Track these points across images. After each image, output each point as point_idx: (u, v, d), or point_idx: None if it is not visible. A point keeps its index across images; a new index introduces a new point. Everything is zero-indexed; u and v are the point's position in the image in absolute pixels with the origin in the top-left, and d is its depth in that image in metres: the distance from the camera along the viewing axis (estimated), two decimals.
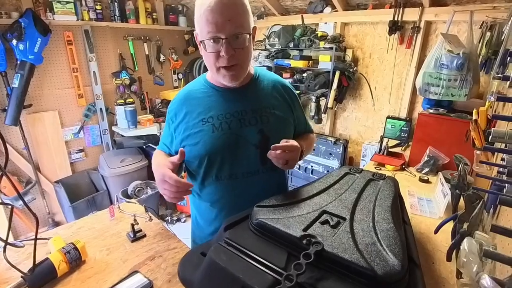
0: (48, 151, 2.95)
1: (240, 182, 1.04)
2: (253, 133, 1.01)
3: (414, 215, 1.40)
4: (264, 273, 0.60)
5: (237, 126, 1.00)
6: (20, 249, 1.11)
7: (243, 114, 1.02)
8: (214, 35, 0.87)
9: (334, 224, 0.71)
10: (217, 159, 1.01)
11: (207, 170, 1.03)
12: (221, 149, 1.00)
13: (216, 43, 0.88)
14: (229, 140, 1.00)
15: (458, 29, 2.22)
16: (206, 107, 1.02)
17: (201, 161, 1.02)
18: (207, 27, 0.86)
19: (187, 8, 3.81)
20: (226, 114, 1.01)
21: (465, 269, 0.77)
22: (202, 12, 0.86)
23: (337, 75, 2.66)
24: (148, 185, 3.21)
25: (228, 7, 0.85)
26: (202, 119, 1.01)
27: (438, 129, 1.87)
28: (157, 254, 1.10)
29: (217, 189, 1.06)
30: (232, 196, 1.06)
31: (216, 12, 0.84)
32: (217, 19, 0.85)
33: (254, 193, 1.00)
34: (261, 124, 1.02)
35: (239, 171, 1.03)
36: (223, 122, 1.00)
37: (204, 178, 1.06)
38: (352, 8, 2.75)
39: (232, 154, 1.01)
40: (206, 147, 1.00)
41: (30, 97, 2.73)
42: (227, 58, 0.89)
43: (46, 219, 3.08)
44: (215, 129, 0.99)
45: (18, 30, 2.44)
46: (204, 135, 1.00)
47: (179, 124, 1.04)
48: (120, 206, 1.39)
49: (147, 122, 3.14)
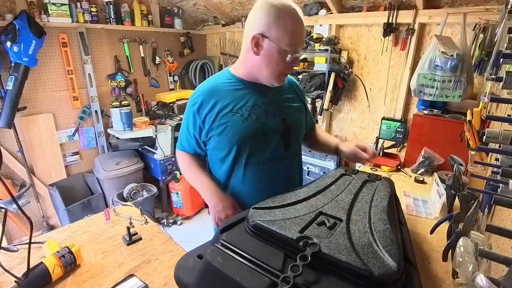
0: (42, 154, 2.93)
1: (267, 166, 1.13)
2: (278, 123, 1.12)
3: (410, 216, 1.41)
4: (261, 275, 0.60)
5: (263, 116, 1.10)
6: (14, 254, 1.10)
7: (268, 105, 1.12)
8: (297, 50, 1.02)
9: (330, 225, 0.71)
10: (247, 147, 1.09)
11: (237, 157, 1.11)
12: (250, 137, 1.08)
13: (294, 56, 1.02)
14: (257, 129, 1.09)
15: (452, 31, 2.25)
16: (235, 99, 1.10)
17: (231, 149, 1.10)
18: (292, 40, 0.99)
19: (182, 11, 3.81)
20: (253, 105, 1.10)
21: (461, 269, 0.77)
22: (288, 25, 0.98)
23: (332, 77, 2.67)
24: (144, 188, 3.19)
25: (302, 28, 1.01)
26: (231, 109, 1.08)
27: (433, 130, 1.89)
28: (153, 257, 1.09)
29: (245, 174, 1.13)
30: (260, 180, 1.14)
31: (298, 32, 1.00)
32: (300, 36, 1.01)
33: (279, 175, 1.15)
34: (283, 115, 1.14)
35: (266, 157, 1.12)
36: (251, 113, 1.09)
37: (233, 166, 1.13)
38: (347, 10, 2.77)
39: (260, 142, 1.10)
40: (236, 136, 1.08)
41: (24, 99, 2.71)
42: (292, 69, 1.06)
43: (40, 223, 3.04)
44: (244, 119, 1.08)
45: (13, 32, 2.42)
46: (234, 125, 1.07)
47: (207, 114, 1.09)
48: (116, 209, 1.38)
49: (142, 125, 3.12)
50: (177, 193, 3.29)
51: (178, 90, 3.95)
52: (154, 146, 3.21)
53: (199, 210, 3.50)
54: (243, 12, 3.49)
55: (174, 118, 3.38)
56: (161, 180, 3.25)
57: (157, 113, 3.49)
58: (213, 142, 1.11)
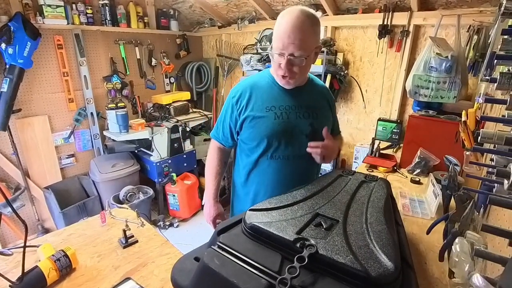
0: (37, 156, 2.90)
1: (291, 162, 1.24)
2: (306, 125, 1.23)
3: (406, 216, 1.42)
4: (258, 277, 0.60)
5: (293, 117, 1.21)
6: (9, 257, 1.08)
7: (299, 108, 1.23)
8: (280, 51, 1.09)
9: (327, 226, 0.71)
10: (275, 142, 1.21)
11: (265, 149, 1.23)
12: (280, 134, 1.20)
13: (280, 57, 1.10)
14: (287, 128, 1.20)
15: (446, 32, 2.27)
16: (270, 97, 1.22)
17: (261, 142, 1.22)
18: (276, 42, 1.09)
19: (178, 13, 3.81)
20: (286, 106, 1.21)
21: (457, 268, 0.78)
22: (277, 29, 1.09)
23: (328, 78, 2.68)
24: (140, 190, 3.17)
25: (295, 32, 1.05)
26: (266, 106, 1.20)
27: (428, 131, 1.90)
28: (149, 260, 1.08)
29: (270, 166, 1.25)
30: (281, 173, 1.25)
31: (285, 34, 1.05)
32: (284, 39, 1.06)
33: (299, 172, 1.26)
34: (312, 119, 1.24)
35: (291, 153, 1.23)
36: (283, 113, 1.20)
37: (260, 156, 1.25)
38: (342, 12, 2.79)
39: (287, 139, 1.21)
40: (267, 131, 1.19)
41: (19, 101, 2.69)
42: (284, 71, 1.11)
43: (35, 226, 3.01)
44: (276, 117, 1.19)
45: (7, 34, 2.40)
46: (267, 121, 1.19)
47: (243, 107, 1.22)
48: (112, 212, 1.37)
49: (138, 127, 3.11)
50: (173, 195, 3.28)
51: (174, 92, 3.95)
52: (150, 148, 3.19)
53: (195, 212, 3.49)
54: (239, 14, 3.50)
55: (170, 120, 3.37)
56: (158, 182, 3.24)
57: (153, 115, 3.48)
58: (246, 133, 1.24)
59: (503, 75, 0.69)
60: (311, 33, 1.09)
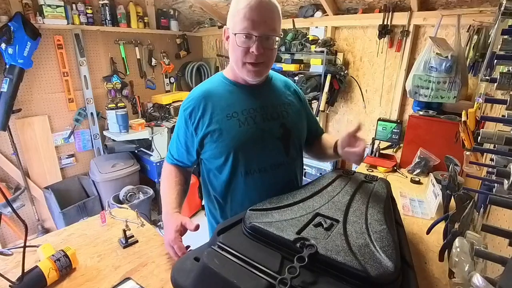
0: (37, 156, 2.90)
1: (269, 174, 1.06)
2: (276, 127, 1.06)
3: (406, 216, 1.42)
4: (258, 277, 0.60)
5: (261, 120, 1.04)
6: (9, 257, 1.08)
7: (265, 109, 1.06)
8: (248, 32, 0.91)
9: (327, 226, 0.71)
10: (245, 153, 1.03)
11: (235, 165, 1.03)
12: (249, 142, 1.02)
13: (248, 39, 0.93)
14: (256, 134, 1.03)
15: (446, 32, 2.27)
16: (229, 103, 1.04)
17: (228, 156, 1.03)
18: (243, 23, 0.91)
19: (178, 13, 3.81)
20: (249, 109, 1.04)
21: (457, 268, 0.77)
22: (241, 8, 0.91)
23: (328, 78, 2.68)
24: (140, 190, 3.17)
25: (266, 9, 0.92)
26: (226, 114, 1.02)
27: (428, 131, 1.90)
28: (149, 260, 1.08)
29: (246, 184, 1.06)
30: (262, 189, 1.06)
31: (254, 11, 0.90)
32: (254, 17, 0.90)
33: (281, 183, 1.07)
34: (282, 118, 1.07)
35: (268, 163, 1.06)
36: (248, 117, 1.03)
37: (232, 174, 1.05)
38: (342, 12, 2.79)
39: (259, 147, 1.04)
40: (233, 142, 1.01)
41: (19, 101, 2.69)
42: (256, 55, 0.93)
43: (35, 226, 3.02)
44: (241, 124, 1.01)
45: (7, 34, 2.40)
46: (231, 130, 1.01)
47: (199, 121, 1.03)
48: (112, 212, 1.37)
49: (138, 127, 3.11)
50: None
51: (174, 92, 3.95)
52: (150, 148, 3.19)
53: (195, 212, 3.49)
54: None
55: (170, 120, 3.37)
56: (158, 182, 3.24)
57: (153, 115, 3.48)
58: (209, 150, 1.05)
59: (503, 75, 0.69)
60: (278, 13, 0.97)
